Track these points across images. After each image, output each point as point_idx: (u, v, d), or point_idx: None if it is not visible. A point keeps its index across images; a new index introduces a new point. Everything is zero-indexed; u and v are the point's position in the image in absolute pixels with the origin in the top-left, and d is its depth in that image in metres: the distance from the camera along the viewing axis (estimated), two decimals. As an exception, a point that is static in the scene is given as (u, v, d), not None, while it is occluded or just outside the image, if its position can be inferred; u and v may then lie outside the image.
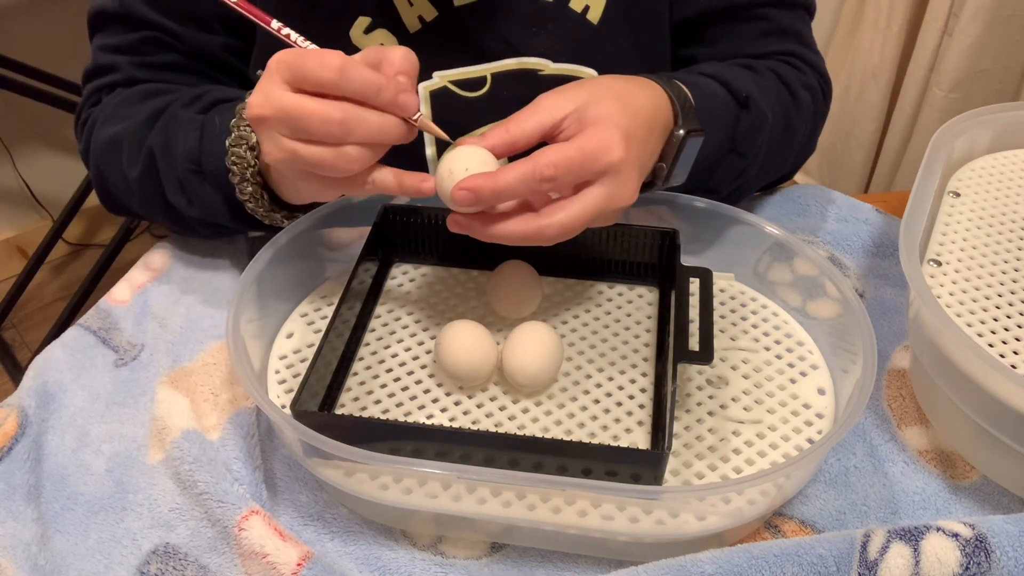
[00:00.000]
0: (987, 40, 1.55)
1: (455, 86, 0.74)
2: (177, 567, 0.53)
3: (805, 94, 0.75)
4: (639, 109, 0.59)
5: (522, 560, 0.54)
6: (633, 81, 0.61)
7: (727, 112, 0.68)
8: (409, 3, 0.71)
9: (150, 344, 0.67)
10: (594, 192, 0.55)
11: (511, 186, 0.54)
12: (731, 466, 0.56)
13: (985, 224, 0.65)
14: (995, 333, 0.57)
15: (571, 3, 0.73)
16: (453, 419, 0.58)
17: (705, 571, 0.48)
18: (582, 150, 0.54)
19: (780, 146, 0.73)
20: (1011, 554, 0.48)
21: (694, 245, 0.68)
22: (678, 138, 0.60)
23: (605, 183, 0.55)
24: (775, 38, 0.77)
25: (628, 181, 0.55)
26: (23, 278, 1.81)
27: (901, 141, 1.78)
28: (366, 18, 0.71)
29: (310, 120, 0.52)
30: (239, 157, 0.60)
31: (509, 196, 0.54)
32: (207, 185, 0.64)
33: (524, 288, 0.64)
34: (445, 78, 0.74)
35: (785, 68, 0.76)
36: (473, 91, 0.74)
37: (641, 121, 0.58)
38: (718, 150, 0.67)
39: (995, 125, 0.71)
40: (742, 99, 0.69)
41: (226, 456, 0.57)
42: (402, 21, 0.71)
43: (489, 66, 0.74)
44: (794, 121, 0.74)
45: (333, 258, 0.70)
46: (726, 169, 0.69)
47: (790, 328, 0.65)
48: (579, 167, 0.54)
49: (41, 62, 1.57)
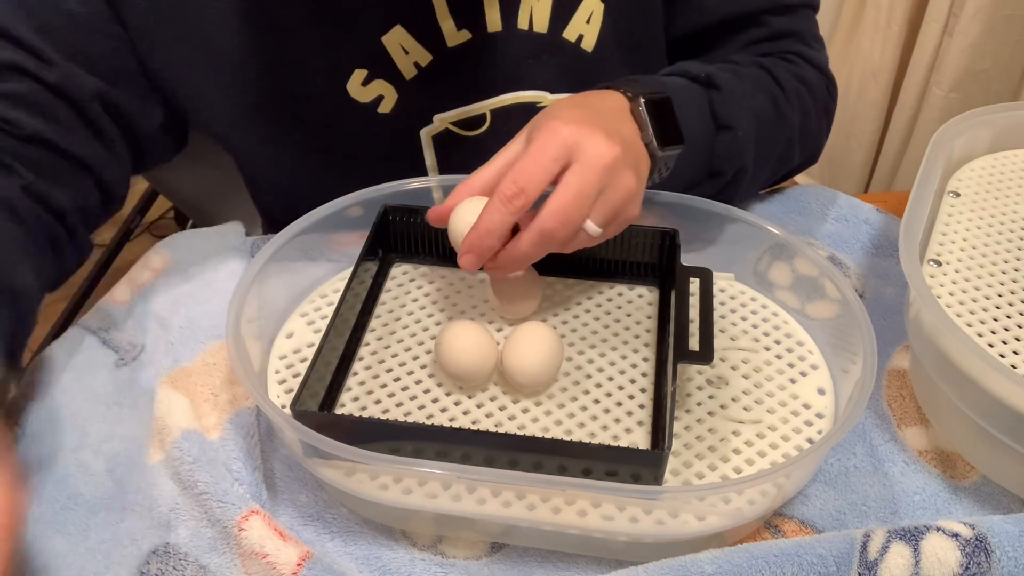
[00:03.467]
0: (987, 40, 1.55)
1: (456, 126, 0.74)
2: (177, 567, 0.53)
3: (794, 83, 0.74)
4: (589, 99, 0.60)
5: (522, 560, 0.54)
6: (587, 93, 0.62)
7: (692, 93, 0.68)
8: (404, 51, 0.70)
9: (150, 344, 0.67)
10: (568, 174, 0.55)
11: (492, 221, 0.55)
12: (731, 466, 0.56)
13: (985, 224, 0.65)
14: (995, 333, 0.57)
15: (564, 33, 0.73)
16: (453, 419, 0.58)
17: (705, 571, 0.48)
18: (531, 149, 0.55)
19: (773, 130, 0.72)
20: (1011, 554, 0.48)
21: (694, 245, 0.68)
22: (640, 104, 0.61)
23: (576, 163, 0.55)
24: (770, 43, 0.77)
25: (600, 152, 0.55)
26: (23, 278, 1.80)
27: (901, 141, 1.78)
28: (363, 70, 0.71)
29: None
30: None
31: (498, 232, 0.55)
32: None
33: (524, 288, 0.64)
34: (445, 120, 0.74)
35: (774, 61, 0.75)
36: (474, 130, 0.74)
37: (592, 105, 0.59)
38: (702, 130, 0.67)
39: (995, 125, 0.71)
40: (703, 79, 0.68)
41: (226, 456, 0.57)
42: (398, 69, 0.71)
43: (488, 103, 0.74)
44: (783, 106, 0.73)
45: (333, 258, 0.70)
46: (721, 148, 0.68)
47: (790, 328, 0.65)
48: (535, 164, 0.54)
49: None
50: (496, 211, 0.55)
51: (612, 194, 0.56)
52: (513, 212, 0.55)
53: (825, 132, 0.80)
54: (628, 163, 0.57)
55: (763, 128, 0.71)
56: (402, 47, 0.70)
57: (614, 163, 0.55)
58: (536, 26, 0.72)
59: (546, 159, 0.55)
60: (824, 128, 0.80)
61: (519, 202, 0.54)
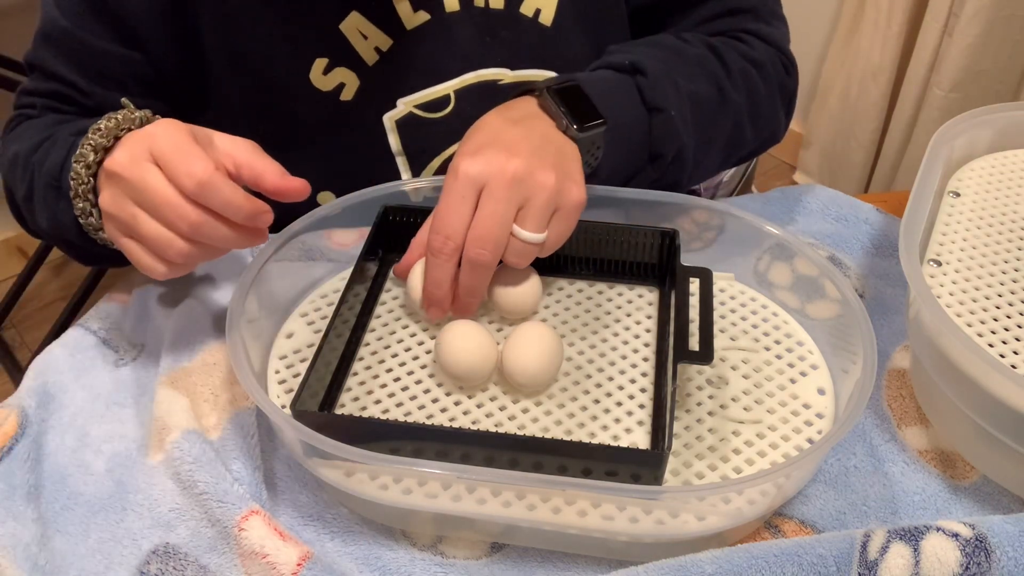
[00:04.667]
0: (987, 40, 1.55)
1: (419, 110, 0.74)
2: (177, 567, 0.53)
3: (743, 63, 0.74)
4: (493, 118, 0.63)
5: (522, 560, 0.54)
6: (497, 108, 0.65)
7: (618, 81, 0.68)
8: (363, 36, 0.71)
9: (150, 344, 0.67)
10: (480, 201, 0.58)
11: (434, 274, 0.59)
12: (731, 466, 0.56)
13: (985, 224, 0.65)
14: (995, 333, 0.57)
15: (521, 8, 0.73)
16: (453, 419, 0.58)
17: (705, 571, 0.48)
18: (442, 197, 0.59)
19: (717, 113, 0.72)
20: (1011, 554, 0.47)
21: (694, 245, 0.68)
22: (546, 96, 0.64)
23: (484, 189, 0.58)
24: (724, 20, 0.77)
25: (501, 169, 0.58)
26: (23, 278, 1.81)
27: (901, 141, 1.78)
28: (323, 59, 0.71)
29: (165, 208, 0.54)
30: (76, 173, 0.59)
31: (443, 281, 0.59)
32: (62, 201, 0.64)
33: (524, 288, 0.64)
34: (409, 104, 0.74)
35: (725, 41, 0.75)
36: (438, 112, 0.75)
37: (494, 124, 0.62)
38: (633, 114, 0.68)
39: (995, 125, 0.71)
40: (627, 67, 0.69)
41: (226, 456, 0.57)
42: (359, 56, 0.72)
43: (450, 84, 0.74)
44: (727, 89, 0.73)
45: (333, 258, 0.70)
46: (656, 130, 0.69)
47: (790, 328, 0.65)
48: (448, 209, 0.58)
49: (41, 62, 1.57)
50: (434, 265, 0.59)
51: (535, 199, 0.58)
52: (447, 259, 0.59)
53: (784, 112, 0.80)
54: (541, 164, 0.59)
55: (703, 110, 0.71)
56: (360, 33, 0.71)
57: (519, 173, 0.58)
58: (493, 3, 0.73)
59: (456, 199, 0.58)
60: (781, 108, 0.79)
61: (448, 248, 0.58)
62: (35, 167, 0.67)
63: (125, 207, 0.56)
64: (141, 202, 0.55)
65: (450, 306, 0.61)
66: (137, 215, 0.55)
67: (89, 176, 0.59)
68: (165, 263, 0.57)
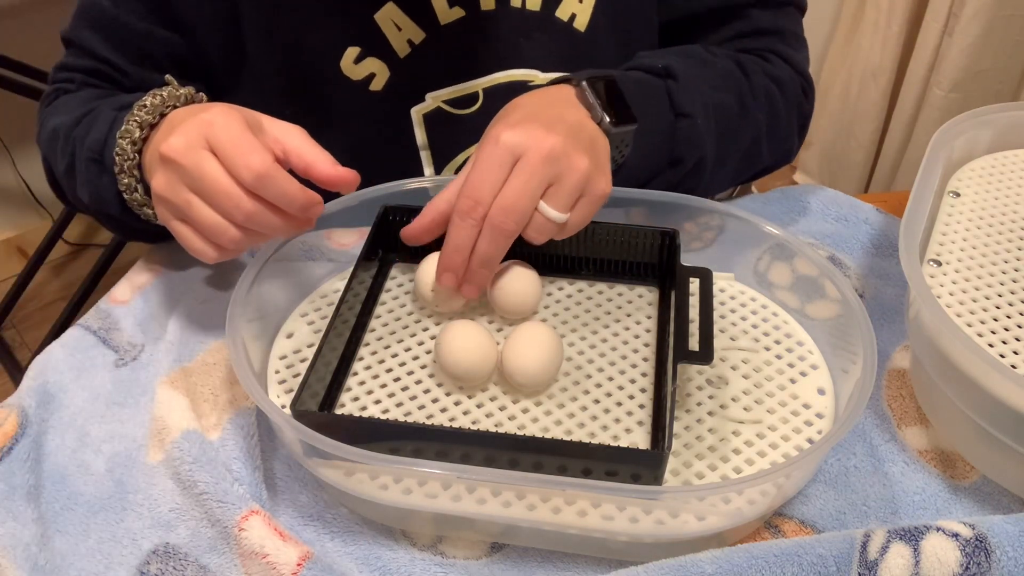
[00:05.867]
0: (987, 40, 1.55)
1: (447, 105, 0.74)
2: (177, 567, 0.53)
3: (766, 82, 0.75)
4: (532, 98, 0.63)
5: (522, 560, 0.54)
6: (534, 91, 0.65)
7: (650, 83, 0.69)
8: (397, 28, 0.71)
9: (150, 344, 0.67)
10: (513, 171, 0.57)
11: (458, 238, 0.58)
12: (731, 466, 0.56)
13: (985, 224, 0.65)
14: (995, 333, 0.57)
15: (557, 12, 0.74)
16: (453, 419, 0.58)
17: (705, 571, 0.48)
18: (477, 161, 0.58)
19: (738, 127, 0.73)
20: (1011, 554, 0.48)
21: (694, 245, 0.68)
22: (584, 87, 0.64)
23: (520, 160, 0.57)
24: (752, 39, 0.78)
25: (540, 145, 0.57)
26: (23, 278, 1.81)
27: (901, 141, 1.78)
28: (355, 48, 0.71)
29: (222, 197, 0.54)
30: (121, 149, 0.60)
31: (465, 246, 0.58)
32: (105, 175, 0.64)
33: (524, 288, 0.64)
34: (438, 99, 0.74)
35: (751, 59, 0.76)
36: (466, 108, 0.75)
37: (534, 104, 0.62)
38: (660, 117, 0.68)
39: (995, 125, 0.71)
40: (659, 70, 0.70)
41: (226, 456, 0.57)
42: (391, 47, 0.72)
43: (480, 81, 0.74)
44: (750, 104, 0.73)
45: (333, 258, 0.70)
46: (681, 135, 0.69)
47: (790, 328, 0.65)
48: (482, 174, 0.57)
49: (41, 62, 1.56)
50: (457, 227, 0.58)
51: (566, 179, 0.58)
52: (474, 224, 0.58)
53: (798, 134, 0.81)
54: (576, 147, 0.58)
55: (726, 122, 0.72)
56: (395, 24, 0.71)
57: (556, 151, 0.57)
58: (530, 4, 0.73)
59: (492, 166, 0.57)
60: (796, 129, 0.80)
61: (477, 214, 0.57)
62: (76, 141, 0.67)
63: (180, 192, 0.55)
64: (197, 189, 0.55)
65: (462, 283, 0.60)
66: (192, 201, 0.55)
67: (135, 152, 0.60)
68: (216, 248, 0.57)
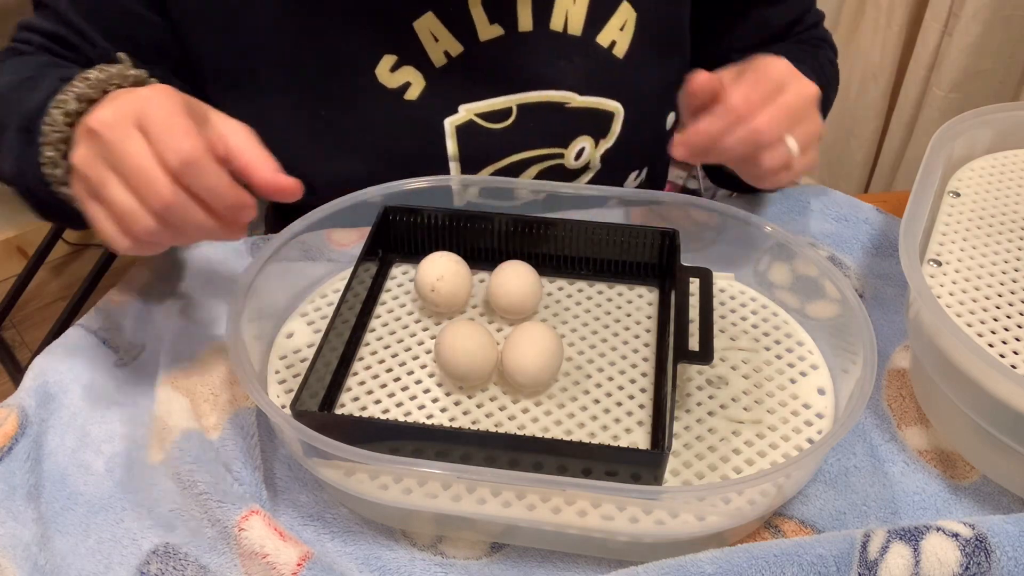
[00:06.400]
0: (987, 40, 1.55)
1: (480, 118, 0.74)
2: (177, 567, 0.53)
3: (831, 69, 0.84)
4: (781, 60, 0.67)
5: (522, 560, 0.54)
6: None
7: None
8: (434, 38, 0.70)
9: (150, 344, 0.67)
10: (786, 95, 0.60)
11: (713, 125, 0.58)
12: (731, 466, 0.56)
13: (985, 224, 0.65)
14: (995, 333, 0.57)
15: (598, 38, 0.74)
16: (453, 419, 0.58)
17: (705, 571, 0.48)
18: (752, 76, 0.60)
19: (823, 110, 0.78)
20: (1011, 554, 0.48)
21: (694, 245, 0.68)
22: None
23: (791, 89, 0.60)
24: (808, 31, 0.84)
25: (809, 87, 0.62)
26: (23, 278, 1.81)
27: (901, 141, 1.78)
28: (392, 56, 0.71)
29: (139, 178, 0.50)
30: (52, 120, 0.55)
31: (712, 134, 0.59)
32: (32, 146, 0.57)
33: (524, 288, 0.64)
34: (471, 111, 0.73)
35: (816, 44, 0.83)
36: (499, 123, 0.74)
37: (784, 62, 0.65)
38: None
39: (995, 125, 0.71)
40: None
41: (226, 456, 0.57)
42: (428, 57, 0.71)
43: (515, 97, 0.74)
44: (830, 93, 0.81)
45: (333, 258, 0.70)
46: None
47: (790, 328, 0.65)
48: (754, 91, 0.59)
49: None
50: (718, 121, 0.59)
51: (808, 125, 0.62)
52: (729, 126, 0.59)
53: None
54: (818, 106, 0.63)
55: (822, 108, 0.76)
56: (432, 34, 0.70)
57: (813, 96, 0.62)
58: (571, 28, 0.73)
59: (762, 88, 0.60)
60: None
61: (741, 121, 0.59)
62: (11, 105, 0.62)
63: (97, 168, 0.51)
64: (115, 166, 0.50)
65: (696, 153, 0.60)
66: (108, 179, 0.50)
67: (66, 124, 0.55)
68: (129, 237, 0.52)
